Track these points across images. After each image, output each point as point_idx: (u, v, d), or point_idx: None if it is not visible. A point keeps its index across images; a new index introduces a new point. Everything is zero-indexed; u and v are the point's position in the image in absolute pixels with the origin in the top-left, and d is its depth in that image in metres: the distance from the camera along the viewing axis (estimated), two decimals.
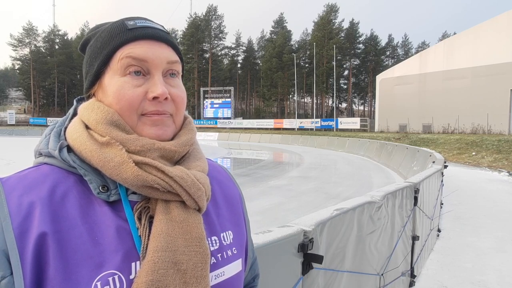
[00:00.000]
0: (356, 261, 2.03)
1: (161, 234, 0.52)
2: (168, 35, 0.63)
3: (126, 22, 0.61)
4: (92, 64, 0.62)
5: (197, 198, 0.57)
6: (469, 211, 6.90)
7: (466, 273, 4.01)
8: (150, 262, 0.50)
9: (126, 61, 0.58)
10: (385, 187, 2.87)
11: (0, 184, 0.54)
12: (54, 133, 0.61)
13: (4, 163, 14.38)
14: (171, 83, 0.62)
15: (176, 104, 0.62)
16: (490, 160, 16.31)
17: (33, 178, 0.55)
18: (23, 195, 0.52)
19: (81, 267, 0.49)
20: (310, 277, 1.51)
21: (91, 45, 0.63)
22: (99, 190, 0.55)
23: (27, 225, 0.49)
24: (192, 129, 0.66)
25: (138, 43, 0.59)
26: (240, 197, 0.76)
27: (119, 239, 0.52)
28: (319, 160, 17.58)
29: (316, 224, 1.55)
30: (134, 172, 0.54)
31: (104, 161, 0.54)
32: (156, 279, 0.50)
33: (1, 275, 0.47)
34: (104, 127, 0.57)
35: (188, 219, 0.56)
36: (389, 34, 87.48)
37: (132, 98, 0.57)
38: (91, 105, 0.61)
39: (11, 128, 49.27)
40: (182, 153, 0.62)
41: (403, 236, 3.06)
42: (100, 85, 0.61)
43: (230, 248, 0.64)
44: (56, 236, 0.49)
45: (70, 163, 0.56)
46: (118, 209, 0.55)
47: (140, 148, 0.56)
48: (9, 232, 0.49)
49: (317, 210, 1.86)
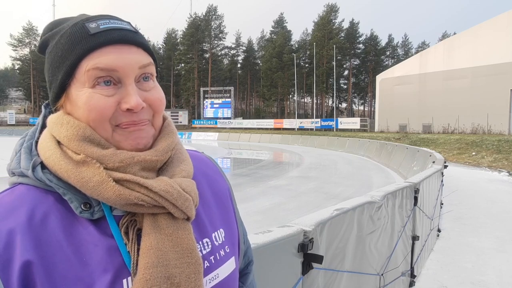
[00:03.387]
0: (356, 261, 2.03)
1: (151, 249, 0.50)
2: (136, 35, 0.57)
3: (87, 25, 0.54)
4: (55, 75, 0.56)
5: (185, 209, 0.55)
6: (469, 211, 6.90)
7: (466, 273, 4.01)
8: (142, 279, 0.48)
9: (93, 72, 0.53)
10: (385, 187, 2.87)
11: None
12: (25, 149, 0.56)
13: (4, 163, 14.38)
14: (145, 88, 0.57)
15: (153, 107, 0.57)
16: (490, 160, 16.31)
17: (9, 203, 0.51)
18: (0, 222, 0.48)
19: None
20: (310, 277, 1.51)
21: (51, 51, 0.57)
22: (81, 209, 0.52)
23: (9, 255, 0.46)
24: (172, 131, 0.62)
25: (104, 50, 0.53)
26: (228, 191, 0.74)
27: (108, 257, 0.50)
28: (319, 160, 17.58)
29: (316, 224, 1.55)
30: (116, 191, 0.50)
31: (82, 181, 0.51)
32: None
33: None
34: (77, 144, 0.53)
35: (177, 230, 0.54)
36: (389, 34, 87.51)
37: (103, 110, 0.53)
38: (59, 120, 0.55)
39: (11, 128, 49.30)
40: (164, 161, 0.59)
41: (403, 236, 3.06)
42: (67, 97, 0.56)
43: (223, 247, 0.63)
44: (41, 262, 0.47)
45: (46, 182, 0.52)
46: (103, 226, 0.52)
47: (119, 163, 0.53)
48: None
49: (317, 210, 1.86)
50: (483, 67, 26.82)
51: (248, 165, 15.42)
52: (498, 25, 25.90)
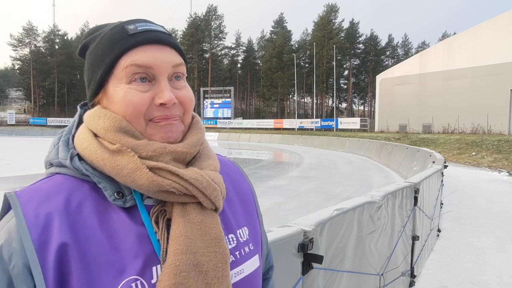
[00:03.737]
0: (356, 261, 2.03)
1: (180, 237, 0.53)
2: (170, 37, 0.62)
3: (126, 26, 0.59)
4: (95, 72, 0.60)
5: (214, 199, 0.57)
6: (469, 211, 6.90)
7: (466, 273, 4.01)
8: (172, 265, 0.50)
9: (131, 69, 0.57)
10: (385, 187, 2.87)
11: (15, 197, 0.53)
12: (63, 142, 0.61)
13: (4, 163, 14.38)
14: (177, 86, 0.61)
15: (184, 105, 0.61)
16: (490, 160, 16.31)
17: (47, 189, 0.54)
18: (39, 206, 0.51)
19: (103, 275, 0.49)
20: (310, 277, 1.51)
21: (92, 52, 0.62)
22: (115, 197, 0.55)
23: (46, 237, 0.49)
24: (201, 128, 0.66)
25: (141, 49, 0.58)
26: (252, 192, 0.76)
27: (139, 245, 0.52)
28: (319, 160, 17.57)
29: (316, 224, 1.55)
30: (149, 178, 0.53)
31: (117, 169, 0.54)
32: (179, 282, 0.50)
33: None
34: (114, 134, 0.57)
35: (205, 220, 0.56)
36: (389, 34, 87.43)
37: (139, 105, 0.57)
38: (97, 113, 0.60)
39: (11, 128, 49.28)
40: (193, 154, 0.62)
41: (403, 236, 3.06)
42: (105, 93, 0.60)
43: (247, 245, 0.65)
44: (76, 245, 0.49)
45: (82, 171, 0.56)
46: (135, 214, 0.55)
47: (152, 153, 0.56)
48: (29, 246, 0.48)
49: (317, 210, 1.86)
50: (483, 67, 26.82)
51: (248, 165, 15.41)
52: (498, 25, 25.90)
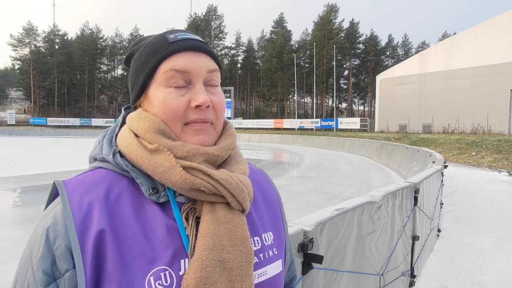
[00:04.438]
0: (356, 261, 2.03)
1: (208, 234, 0.56)
2: (206, 45, 0.66)
3: (167, 35, 0.65)
4: (138, 77, 0.66)
5: (241, 200, 0.60)
6: (469, 211, 6.90)
7: (466, 273, 4.01)
8: (199, 260, 0.53)
9: (170, 73, 0.62)
10: (385, 187, 2.86)
11: (63, 185, 0.58)
12: (107, 140, 0.66)
13: (4, 163, 14.37)
14: (211, 91, 0.65)
15: (216, 111, 0.65)
16: (490, 160, 16.32)
17: (91, 180, 0.59)
18: (83, 195, 0.56)
19: (135, 262, 0.53)
20: (310, 277, 1.51)
21: (135, 59, 0.67)
22: (150, 192, 0.59)
23: (88, 223, 0.54)
24: (233, 134, 0.70)
25: (180, 55, 0.63)
26: (278, 200, 0.79)
27: (169, 238, 0.56)
28: (319, 160, 17.57)
29: (316, 224, 1.55)
30: (182, 176, 0.57)
31: (154, 166, 0.58)
32: (204, 276, 0.53)
33: (65, 268, 0.52)
34: (152, 135, 0.61)
35: (233, 219, 0.59)
36: (389, 34, 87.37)
37: (177, 108, 0.61)
38: (138, 115, 0.65)
39: (11, 128, 49.30)
40: (225, 157, 0.65)
41: (403, 236, 3.06)
42: (146, 96, 0.65)
43: (271, 249, 0.67)
44: (113, 233, 0.54)
45: (123, 167, 0.61)
46: (167, 209, 0.59)
47: (186, 153, 0.60)
48: (72, 230, 0.53)
49: (317, 210, 1.86)
50: (483, 67, 26.82)
51: None
52: (498, 25, 25.90)
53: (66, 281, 0.52)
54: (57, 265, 0.52)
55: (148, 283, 0.52)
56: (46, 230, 0.54)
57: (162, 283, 0.53)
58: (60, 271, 0.52)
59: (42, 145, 26.98)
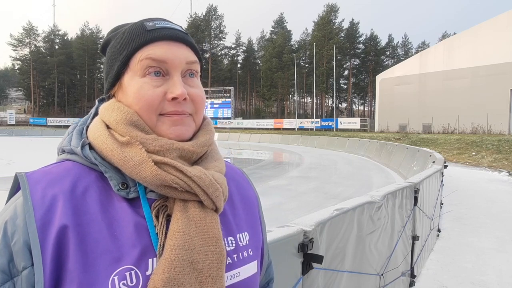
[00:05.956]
0: (356, 261, 2.03)
1: (178, 233, 0.53)
2: (186, 36, 0.64)
3: (145, 23, 0.62)
4: (112, 65, 0.63)
5: (215, 198, 0.58)
6: (469, 211, 6.90)
7: (466, 273, 4.01)
8: (167, 259, 0.51)
9: (146, 62, 0.59)
10: (385, 187, 2.86)
11: (25, 177, 0.55)
12: (76, 131, 0.63)
13: (4, 163, 14.37)
14: (190, 83, 0.62)
15: (195, 103, 0.62)
16: (490, 160, 16.32)
17: (56, 173, 0.56)
18: (46, 188, 0.53)
19: (99, 260, 0.50)
20: (310, 277, 1.51)
21: (111, 47, 0.64)
22: (119, 187, 0.56)
23: (49, 217, 0.51)
24: (211, 130, 0.67)
25: (158, 44, 0.60)
26: (256, 200, 0.76)
27: (137, 236, 0.53)
28: (319, 160, 17.57)
29: (316, 224, 1.55)
30: (153, 171, 0.55)
31: (124, 160, 0.56)
32: (173, 276, 0.50)
33: (22, 266, 0.49)
34: (124, 127, 0.58)
35: (205, 218, 0.56)
36: (389, 34, 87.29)
37: (151, 99, 0.58)
38: (111, 106, 0.62)
39: (11, 128, 49.26)
40: (200, 154, 0.63)
41: (403, 236, 3.06)
42: (120, 85, 0.62)
43: (246, 250, 0.65)
44: (77, 229, 0.51)
45: (91, 160, 0.57)
46: (137, 206, 0.56)
47: (159, 148, 0.57)
48: (32, 224, 0.50)
49: (317, 210, 1.86)
50: (483, 67, 26.82)
51: (248, 165, 15.40)
52: (498, 25, 25.90)
53: (24, 279, 0.49)
54: (15, 262, 0.49)
55: (112, 283, 0.49)
56: (4, 224, 0.51)
57: (127, 283, 0.50)
58: (17, 268, 0.49)
59: (42, 145, 26.96)
